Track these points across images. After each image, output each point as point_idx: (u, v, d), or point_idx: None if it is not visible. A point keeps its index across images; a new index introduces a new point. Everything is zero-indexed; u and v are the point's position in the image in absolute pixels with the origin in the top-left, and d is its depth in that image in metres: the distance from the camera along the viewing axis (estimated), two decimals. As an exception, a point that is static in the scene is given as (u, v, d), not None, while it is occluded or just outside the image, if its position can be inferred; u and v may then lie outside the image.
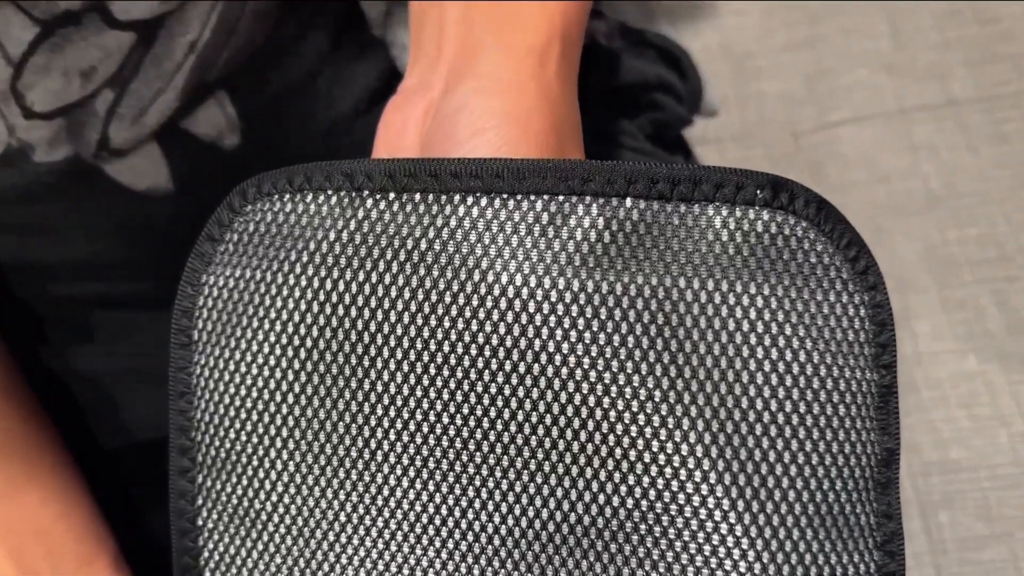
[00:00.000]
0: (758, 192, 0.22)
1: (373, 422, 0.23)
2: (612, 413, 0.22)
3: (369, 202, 0.22)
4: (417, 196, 0.22)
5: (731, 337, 0.22)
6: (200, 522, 0.25)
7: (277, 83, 0.34)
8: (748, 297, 0.22)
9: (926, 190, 0.57)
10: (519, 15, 0.27)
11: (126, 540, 0.36)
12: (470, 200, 0.22)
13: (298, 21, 0.34)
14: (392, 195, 0.22)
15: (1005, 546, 0.47)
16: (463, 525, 0.23)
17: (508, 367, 0.22)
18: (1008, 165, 0.58)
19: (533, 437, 0.22)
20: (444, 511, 0.23)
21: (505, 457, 0.22)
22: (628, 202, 0.22)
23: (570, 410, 0.22)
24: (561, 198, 0.22)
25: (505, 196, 0.22)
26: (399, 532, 0.23)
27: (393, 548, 0.23)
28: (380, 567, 0.23)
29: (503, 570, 0.23)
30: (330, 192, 0.23)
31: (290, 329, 0.23)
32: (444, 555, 0.23)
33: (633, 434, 0.22)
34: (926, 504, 0.47)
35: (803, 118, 0.62)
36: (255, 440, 0.24)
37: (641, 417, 0.22)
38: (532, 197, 0.22)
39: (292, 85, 0.35)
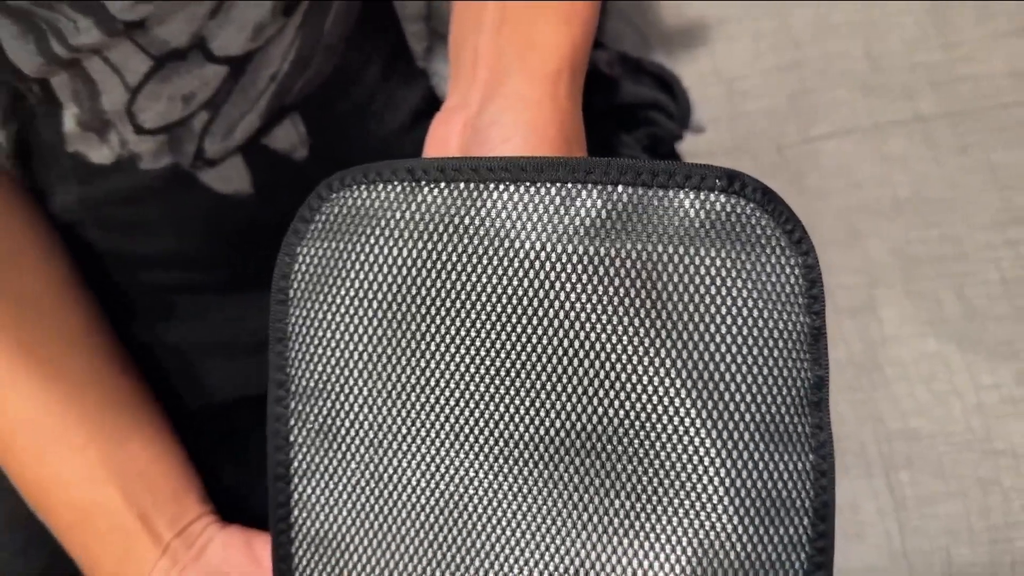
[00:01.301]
0: (717, 181, 0.29)
1: (428, 355, 0.30)
2: (608, 345, 0.29)
3: (426, 190, 0.29)
4: (462, 185, 0.29)
5: (697, 289, 0.28)
6: (292, 438, 0.32)
7: (340, 106, 0.41)
8: (710, 259, 0.28)
9: (895, 196, 0.62)
10: (536, 48, 0.35)
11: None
12: (502, 187, 0.29)
13: (359, 56, 0.41)
14: (443, 184, 0.29)
15: (959, 502, 0.52)
16: (496, 434, 0.29)
17: (531, 311, 0.29)
18: (969, 174, 0.62)
19: (548, 365, 0.29)
20: (482, 424, 0.29)
21: (528, 381, 0.29)
22: (620, 188, 0.29)
23: (576, 344, 0.29)
24: (570, 185, 0.29)
25: (528, 184, 0.29)
26: (448, 440, 0.30)
27: (443, 454, 0.30)
28: (432, 468, 0.30)
29: (526, 468, 0.29)
30: (395, 183, 0.30)
31: (366, 286, 0.30)
32: (481, 458, 0.30)
33: (624, 361, 0.29)
34: (889, 466, 0.53)
35: (787, 133, 0.65)
36: (337, 372, 0.31)
37: (630, 348, 0.28)
38: (548, 185, 0.29)
39: (352, 108, 0.42)
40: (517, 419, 0.29)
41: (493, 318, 0.29)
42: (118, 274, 0.44)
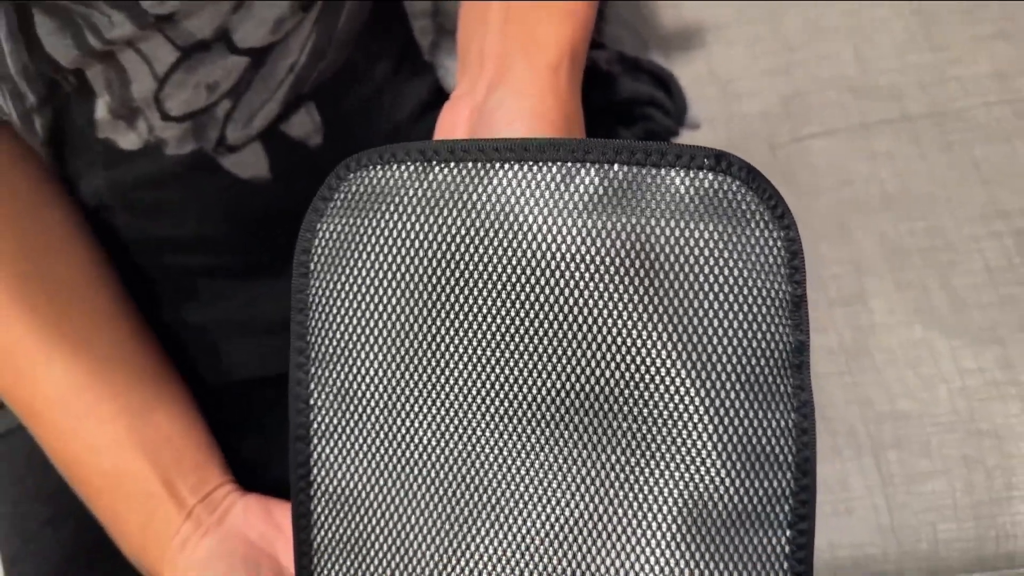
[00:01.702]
0: (706, 160, 0.31)
1: (439, 323, 0.32)
2: (605, 312, 0.31)
3: (436, 169, 0.32)
4: (470, 164, 0.31)
5: (687, 259, 0.31)
6: (312, 402, 0.34)
7: (352, 97, 0.44)
8: (699, 232, 0.31)
9: (883, 191, 0.64)
10: (538, 42, 0.37)
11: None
12: (507, 166, 0.31)
13: (369, 51, 0.44)
14: (453, 164, 0.32)
15: (944, 479, 0.54)
16: (502, 395, 0.32)
17: (534, 280, 0.31)
18: (953, 169, 0.64)
19: (551, 330, 0.31)
20: (489, 385, 0.32)
21: (532, 345, 0.31)
22: (616, 167, 0.31)
23: (576, 310, 0.31)
24: (570, 164, 0.31)
25: (531, 163, 0.31)
26: (458, 401, 0.32)
27: (454, 413, 0.32)
28: (443, 427, 0.32)
29: (530, 426, 0.32)
30: (409, 163, 0.32)
31: (381, 258, 0.32)
32: (489, 417, 0.32)
33: (620, 326, 0.31)
34: (877, 446, 0.55)
35: (780, 133, 0.67)
36: (354, 339, 0.33)
37: (625, 314, 0.31)
38: (550, 164, 0.31)
39: (363, 99, 0.44)
40: (522, 381, 0.31)
41: (500, 287, 0.31)
42: (143, 257, 0.47)
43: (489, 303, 0.31)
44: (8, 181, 0.42)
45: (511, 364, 0.31)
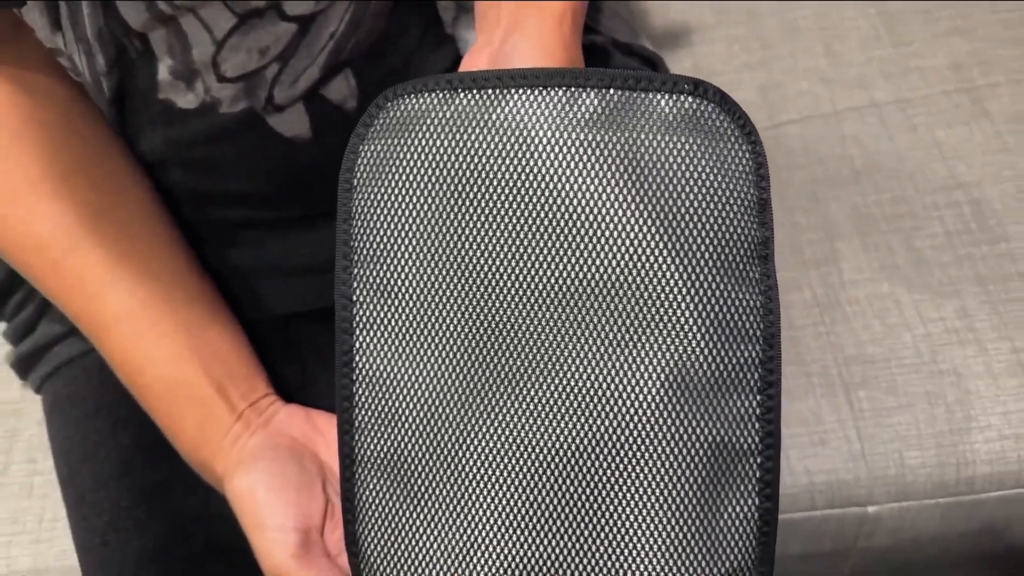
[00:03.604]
0: (686, 86, 0.37)
1: (464, 224, 0.37)
2: (604, 210, 0.36)
3: (460, 95, 0.38)
4: (489, 90, 0.37)
5: (671, 166, 0.37)
6: (354, 298, 0.39)
7: (383, 65, 0.50)
8: (681, 144, 0.37)
9: (852, 168, 0.70)
10: (547, 1, 0.43)
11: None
12: (521, 91, 0.37)
13: (400, 23, 0.50)
14: (474, 91, 0.37)
15: (909, 413, 0.59)
16: (519, 283, 0.37)
17: (544, 184, 0.36)
18: (917, 149, 0.70)
19: (559, 226, 0.36)
20: (507, 275, 0.36)
21: (543, 239, 0.36)
22: (612, 91, 0.37)
23: (580, 209, 0.36)
24: (573, 89, 0.37)
25: (541, 88, 0.37)
26: (481, 289, 0.37)
27: (477, 301, 0.37)
28: (469, 313, 0.37)
29: (542, 307, 0.37)
30: (437, 91, 0.38)
31: (413, 171, 0.38)
32: (508, 301, 0.37)
33: (616, 222, 0.36)
34: (849, 385, 0.61)
35: (759, 119, 0.74)
36: (390, 241, 0.38)
37: (620, 212, 0.36)
38: (556, 88, 0.37)
39: (393, 67, 0.50)
40: (534, 269, 0.37)
41: (515, 191, 0.37)
42: (190, 211, 0.52)
43: (506, 205, 0.37)
44: (81, 133, 0.48)
45: (525, 256, 0.37)
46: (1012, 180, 0.68)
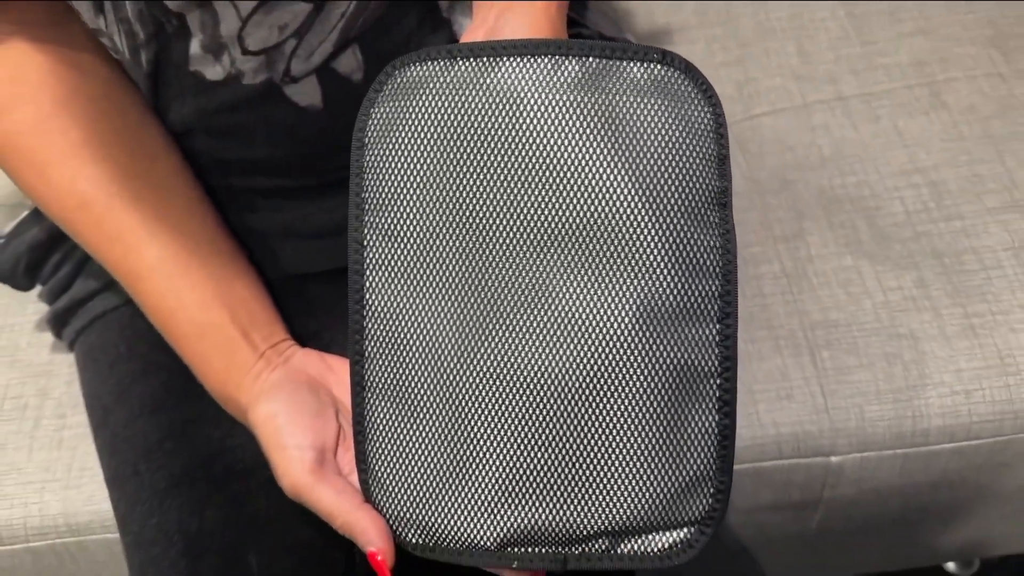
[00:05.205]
0: (655, 55, 0.43)
1: (461, 175, 0.42)
2: (584, 161, 0.42)
3: (459, 62, 0.43)
4: (485, 58, 0.43)
5: (642, 124, 0.42)
6: (364, 243, 0.45)
7: (387, 42, 0.55)
8: (650, 105, 0.42)
9: (820, 155, 0.75)
10: None
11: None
12: (512, 59, 0.42)
13: (402, 5, 0.55)
14: (471, 59, 0.43)
15: (869, 371, 0.64)
16: (509, 227, 0.42)
17: (531, 138, 0.42)
18: (879, 137, 0.75)
19: (545, 176, 0.42)
20: (499, 220, 0.42)
21: (530, 187, 0.41)
22: (591, 59, 0.42)
23: (563, 161, 0.41)
24: (558, 57, 0.42)
25: (529, 56, 0.42)
26: (476, 233, 0.42)
27: (472, 243, 0.42)
28: (464, 253, 0.43)
29: (528, 249, 0.42)
30: (438, 60, 0.44)
31: (418, 129, 0.43)
32: (498, 243, 0.42)
33: (595, 171, 0.41)
34: (813, 346, 0.66)
35: (734, 112, 0.79)
36: (396, 191, 0.43)
37: (599, 163, 0.42)
38: (543, 56, 0.42)
39: (396, 44, 0.55)
40: (524, 214, 0.42)
41: (507, 146, 0.42)
42: (215, 177, 0.57)
43: (498, 158, 0.42)
44: (120, 106, 0.53)
45: (514, 202, 0.42)
46: (966, 165, 0.74)
